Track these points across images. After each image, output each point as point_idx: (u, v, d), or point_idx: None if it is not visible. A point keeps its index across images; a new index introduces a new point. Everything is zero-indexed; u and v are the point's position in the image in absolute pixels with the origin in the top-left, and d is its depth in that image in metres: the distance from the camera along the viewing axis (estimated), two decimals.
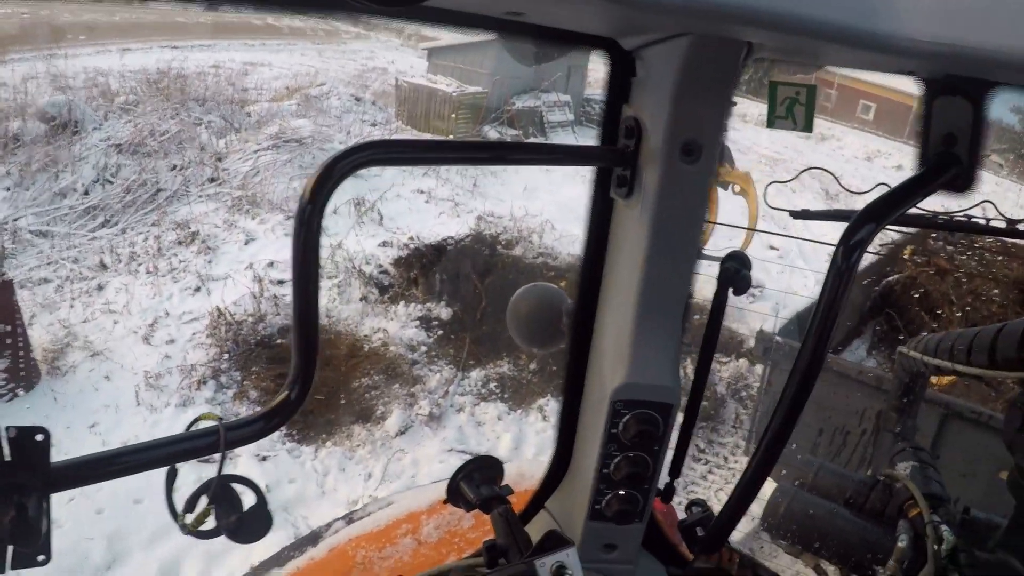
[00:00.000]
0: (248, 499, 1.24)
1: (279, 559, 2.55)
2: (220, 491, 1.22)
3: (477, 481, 1.72)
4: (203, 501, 1.22)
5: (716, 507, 2.24)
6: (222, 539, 1.17)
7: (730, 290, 1.60)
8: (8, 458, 0.99)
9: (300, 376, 1.20)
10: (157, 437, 1.19)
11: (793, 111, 1.50)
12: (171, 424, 6.91)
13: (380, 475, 6.54)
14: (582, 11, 1.16)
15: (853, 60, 1.34)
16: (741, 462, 7.07)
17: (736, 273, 1.58)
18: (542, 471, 2.22)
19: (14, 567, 1.02)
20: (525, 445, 7.22)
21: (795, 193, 16.83)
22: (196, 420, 1.21)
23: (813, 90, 1.48)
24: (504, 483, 1.76)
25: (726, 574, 1.99)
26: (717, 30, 1.16)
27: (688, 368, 4.57)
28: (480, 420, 7.54)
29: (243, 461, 6.31)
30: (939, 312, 8.36)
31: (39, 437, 1.01)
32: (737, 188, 9.07)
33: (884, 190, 1.48)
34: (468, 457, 5.39)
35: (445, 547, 2.36)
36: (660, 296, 1.51)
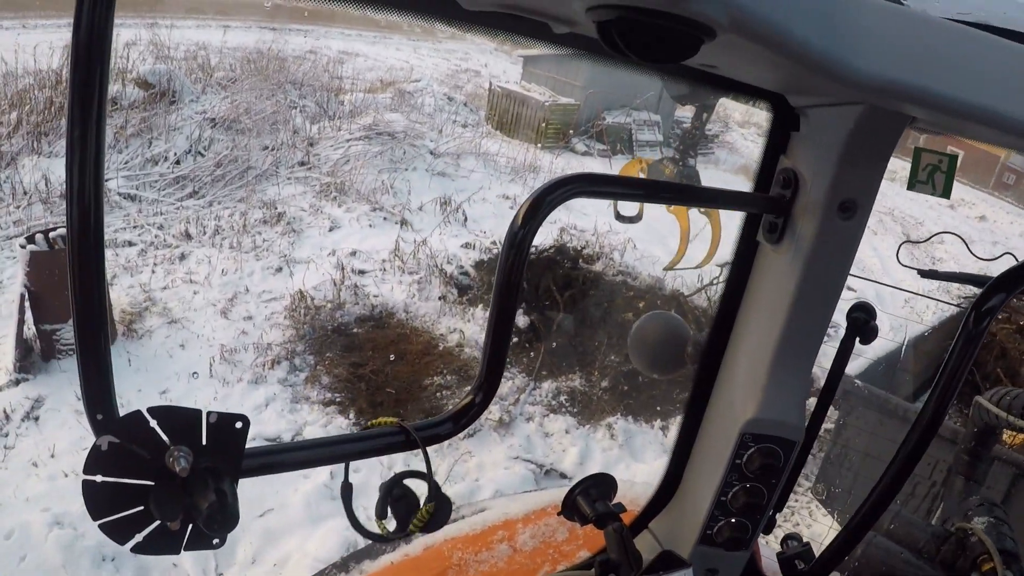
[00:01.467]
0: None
1: (370, 552, 2.56)
2: (401, 490, 1.29)
3: (593, 497, 1.75)
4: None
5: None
6: None
7: (856, 339, 1.66)
8: (205, 442, 1.02)
9: (486, 383, 1.28)
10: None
11: (934, 177, 1.50)
12: (241, 400, 6.87)
13: (445, 475, 6.43)
14: (764, 69, 1.21)
15: (1002, 140, 1.34)
16: (801, 500, 6.85)
17: (865, 324, 1.65)
18: (633, 492, 2.33)
19: (189, 548, 1.05)
20: (590, 461, 7.05)
21: (876, 235, 16.43)
22: (370, 425, 1.26)
23: (955, 160, 1.49)
24: (617, 500, 1.79)
25: None
26: (892, 106, 1.19)
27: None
28: (548, 431, 7.39)
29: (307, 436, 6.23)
30: (1018, 370, 8.09)
31: (238, 425, 1.04)
32: (702, 209, 8.80)
33: (1011, 260, 1.63)
34: (533, 467, 5.29)
35: (540, 557, 2.36)
36: (797, 338, 1.57)
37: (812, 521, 6.61)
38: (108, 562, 4.96)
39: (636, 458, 7.20)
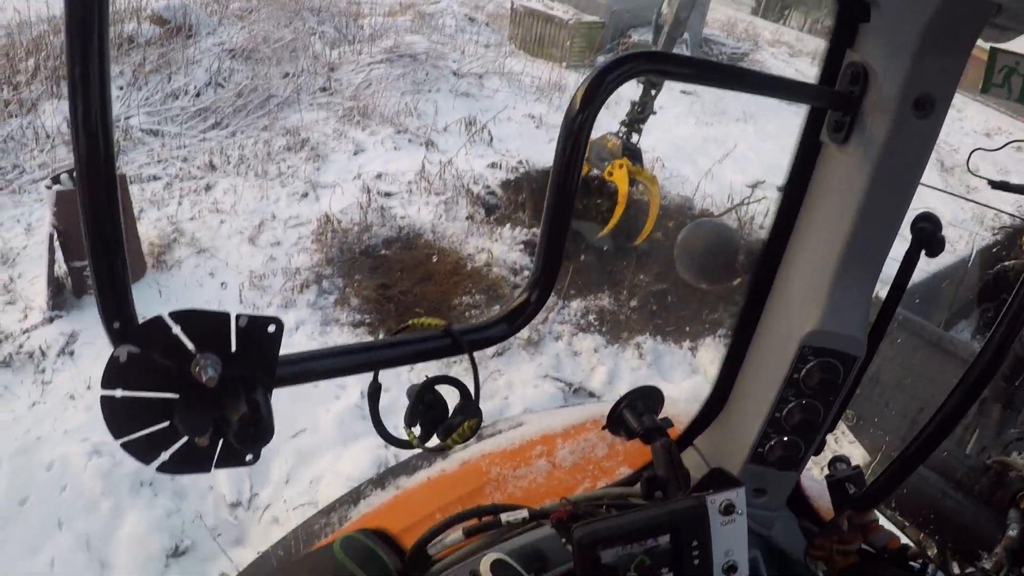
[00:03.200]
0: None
1: (407, 467, 2.56)
2: (433, 396, 1.23)
3: (639, 410, 1.74)
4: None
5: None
6: None
7: (923, 252, 1.59)
8: (235, 349, 0.93)
9: (541, 280, 1.20)
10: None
11: (1010, 80, 1.44)
12: None
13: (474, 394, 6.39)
14: None
15: None
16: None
17: (932, 235, 1.56)
18: (675, 408, 2.22)
19: (220, 465, 0.98)
20: (619, 380, 7.05)
21: None
22: (402, 329, 1.19)
23: None
24: (663, 415, 1.79)
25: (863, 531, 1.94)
26: None
27: None
28: (577, 350, 7.37)
29: None
30: None
31: (271, 328, 0.95)
32: (641, 187, 8.68)
33: None
34: (562, 385, 5.27)
35: (580, 473, 2.32)
36: (863, 247, 1.50)
37: (838, 448, 6.56)
38: (146, 487, 5.03)
39: (665, 378, 7.19)
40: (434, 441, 1.25)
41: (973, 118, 24.62)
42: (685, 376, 7.24)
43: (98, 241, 0.82)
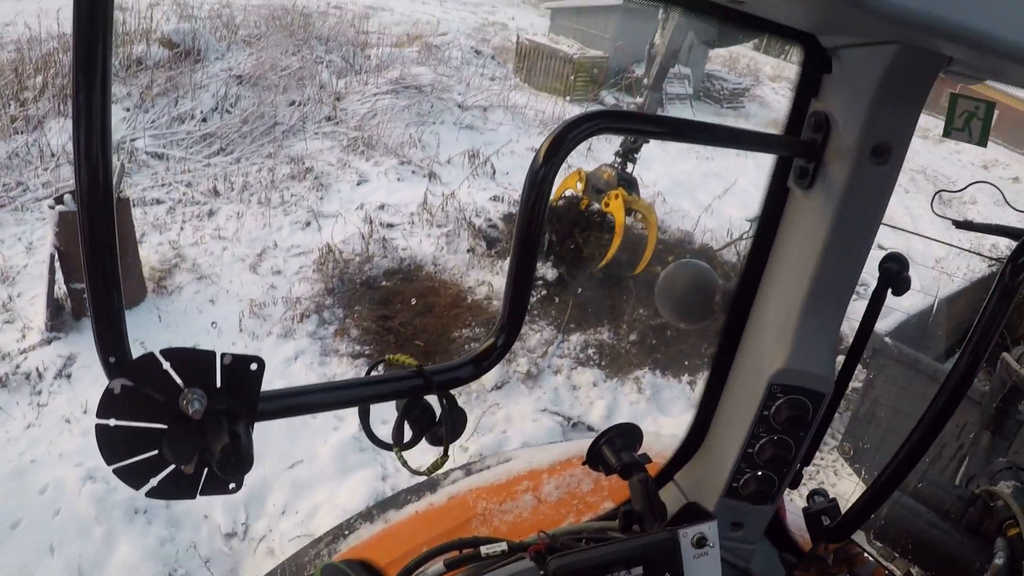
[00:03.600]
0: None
1: (396, 501, 2.58)
2: (419, 410, 1.26)
3: (618, 447, 1.77)
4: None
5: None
6: None
7: (888, 291, 1.63)
8: (219, 384, 1.00)
9: (507, 326, 1.25)
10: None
11: (970, 125, 1.46)
12: (271, 354, 6.89)
13: (473, 427, 6.42)
14: (794, 7, 1.21)
15: None
16: (828, 458, 6.79)
17: (897, 275, 1.61)
18: (660, 443, 2.32)
19: (204, 493, 1.04)
20: (617, 414, 7.04)
21: (908, 194, 16.14)
22: (378, 363, 1.26)
23: (992, 107, 1.44)
24: (642, 451, 1.79)
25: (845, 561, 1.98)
26: (928, 44, 1.17)
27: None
28: (576, 384, 7.36)
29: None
30: None
31: (253, 367, 1.02)
32: (639, 216, 8.78)
33: None
34: (560, 419, 5.26)
35: (564, 507, 2.34)
36: (828, 287, 1.54)
37: (837, 480, 6.55)
38: (140, 514, 5.01)
39: (663, 412, 7.17)
40: (413, 460, 1.29)
41: (970, 151, 24.77)
42: (684, 410, 7.23)
43: (96, 278, 0.87)
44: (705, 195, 11.97)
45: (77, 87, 0.80)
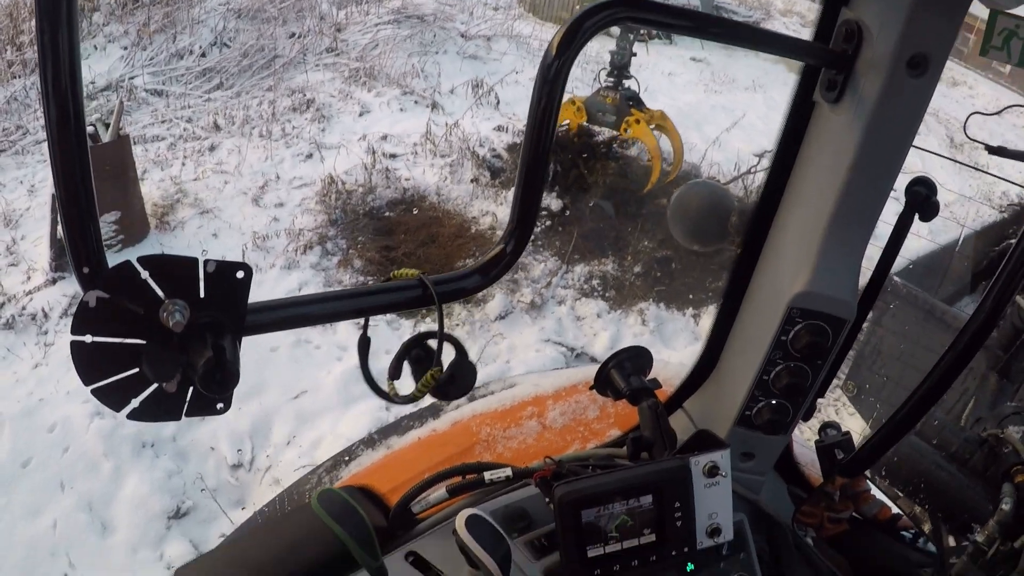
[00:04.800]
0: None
1: (399, 427, 2.57)
2: (423, 351, 1.21)
3: (628, 371, 1.72)
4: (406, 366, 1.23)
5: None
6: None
7: (916, 215, 1.56)
8: (203, 295, 0.93)
9: (517, 230, 1.19)
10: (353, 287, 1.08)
11: (1010, 44, 1.38)
12: (275, 285, 6.89)
13: (476, 356, 6.41)
14: None
15: None
16: (830, 396, 6.78)
17: (926, 199, 1.54)
18: (667, 371, 2.27)
19: (191, 413, 0.99)
20: (621, 346, 6.96)
21: (919, 136, 15.94)
22: (392, 276, 1.18)
23: None
24: (652, 376, 1.76)
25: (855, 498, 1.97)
26: None
27: None
28: (580, 315, 7.36)
29: (342, 327, 6.23)
30: None
31: (240, 274, 0.95)
32: (653, 125, 8.67)
33: None
34: (563, 350, 5.23)
35: (570, 434, 2.33)
36: (855, 208, 1.47)
37: (839, 419, 6.53)
38: (148, 448, 5.06)
39: (667, 344, 7.15)
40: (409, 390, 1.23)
41: (984, 95, 24.43)
42: (688, 343, 7.21)
43: (68, 188, 0.81)
44: (712, 128, 11.80)
45: (41, 20, 0.73)
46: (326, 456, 5.09)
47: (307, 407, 5.63)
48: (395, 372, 1.23)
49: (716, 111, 12.97)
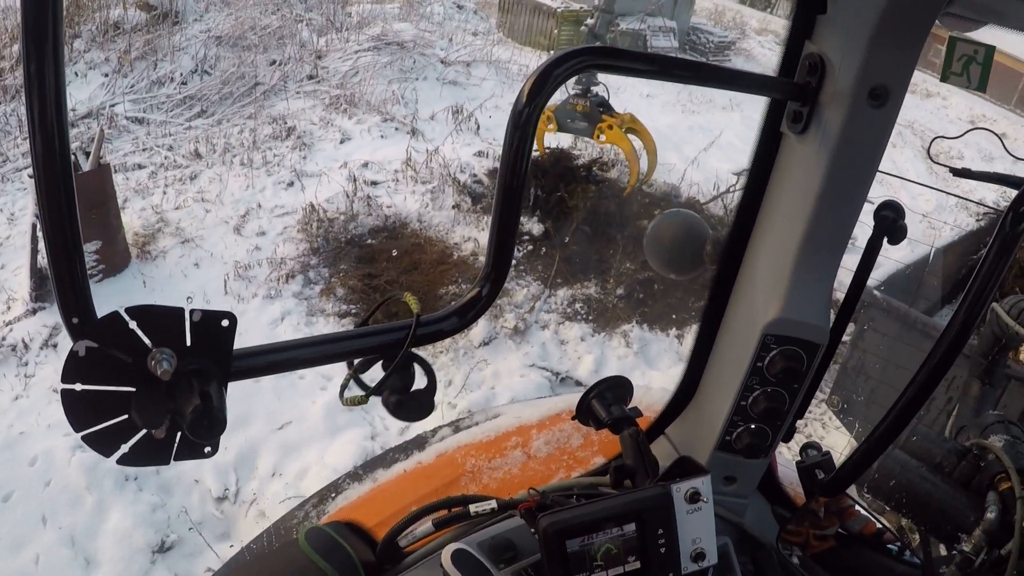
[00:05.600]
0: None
1: (384, 460, 2.55)
2: (405, 370, 1.21)
3: (608, 401, 1.75)
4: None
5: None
6: None
7: (885, 240, 1.59)
8: (189, 343, 0.96)
9: (492, 275, 1.21)
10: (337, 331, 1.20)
11: (969, 69, 1.41)
12: (257, 316, 6.88)
13: (461, 383, 6.44)
14: None
15: None
16: (816, 411, 6.82)
17: (893, 223, 1.57)
18: (650, 397, 2.31)
19: (179, 458, 1.02)
20: (605, 369, 7.06)
21: (895, 148, 16.07)
22: (388, 299, 1.34)
23: (992, 51, 1.39)
24: (633, 405, 1.77)
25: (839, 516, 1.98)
26: None
27: None
28: (564, 339, 7.38)
29: None
30: None
31: (225, 323, 0.98)
32: (624, 128, 8.89)
33: None
34: (548, 375, 5.22)
35: (554, 463, 2.32)
36: (824, 236, 1.50)
37: (825, 433, 6.58)
38: (131, 481, 5.02)
39: (651, 365, 7.18)
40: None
41: (958, 106, 24.73)
42: (672, 363, 7.24)
43: (56, 237, 0.83)
44: (691, 148, 11.91)
45: (28, 53, 0.76)
46: (312, 487, 5.09)
47: (292, 438, 5.61)
48: (363, 367, 1.25)
49: (694, 131, 13.08)
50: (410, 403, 1.23)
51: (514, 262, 8.17)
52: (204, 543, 4.76)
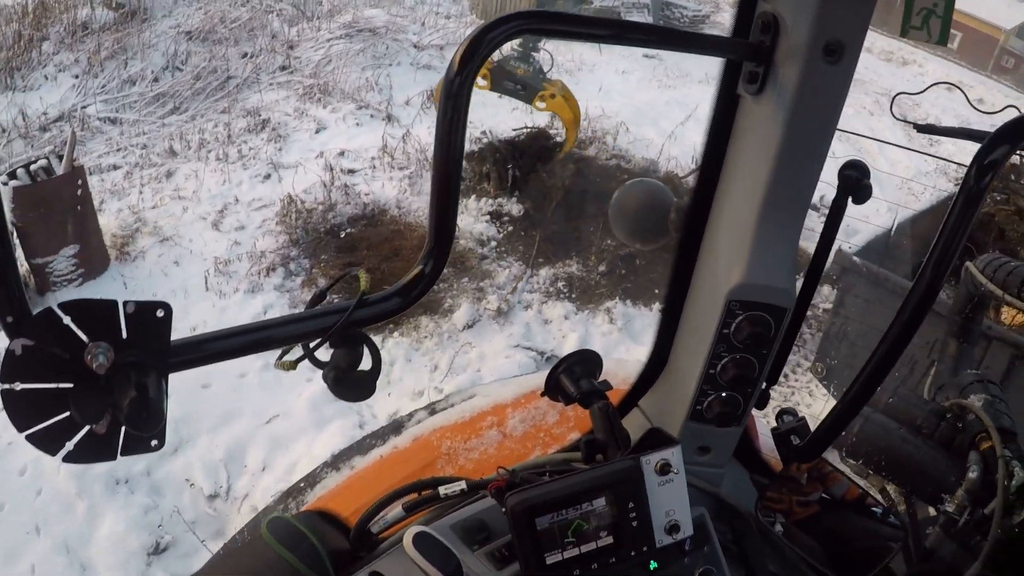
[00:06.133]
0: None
1: (361, 447, 2.55)
2: (346, 340, 1.20)
3: (577, 375, 1.73)
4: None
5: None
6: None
7: (848, 199, 1.56)
8: (125, 335, 0.95)
9: (434, 250, 1.19)
10: (271, 317, 1.16)
11: (929, 22, 1.39)
12: (239, 310, 6.87)
13: (446, 368, 6.45)
14: None
15: None
16: (802, 379, 6.84)
17: (857, 182, 1.54)
18: (625, 370, 2.26)
19: (125, 453, 1.00)
20: (590, 346, 7.01)
21: (872, 116, 16.06)
22: (342, 276, 1.31)
23: (952, 3, 1.36)
24: (603, 378, 1.75)
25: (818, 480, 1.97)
26: None
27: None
28: (547, 318, 7.40)
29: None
30: (1017, 252, 7.81)
31: (160, 312, 0.97)
32: (551, 94, 8.87)
33: (1014, 113, 1.48)
34: (533, 354, 5.19)
35: (530, 441, 2.31)
36: (784, 197, 1.49)
37: (812, 400, 6.61)
38: (122, 485, 5.02)
39: (636, 340, 7.20)
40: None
41: (934, 73, 24.77)
42: None
43: None
44: (668, 123, 11.90)
45: None
46: None
47: (280, 431, 5.61)
48: (317, 299, 1.25)
49: (671, 106, 13.04)
50: (349, 381, 1.22)
51: (494, 243, 8.17)
52: (199, 542, 4.76)
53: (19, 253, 6.51)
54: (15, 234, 6.39)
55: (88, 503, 4.86)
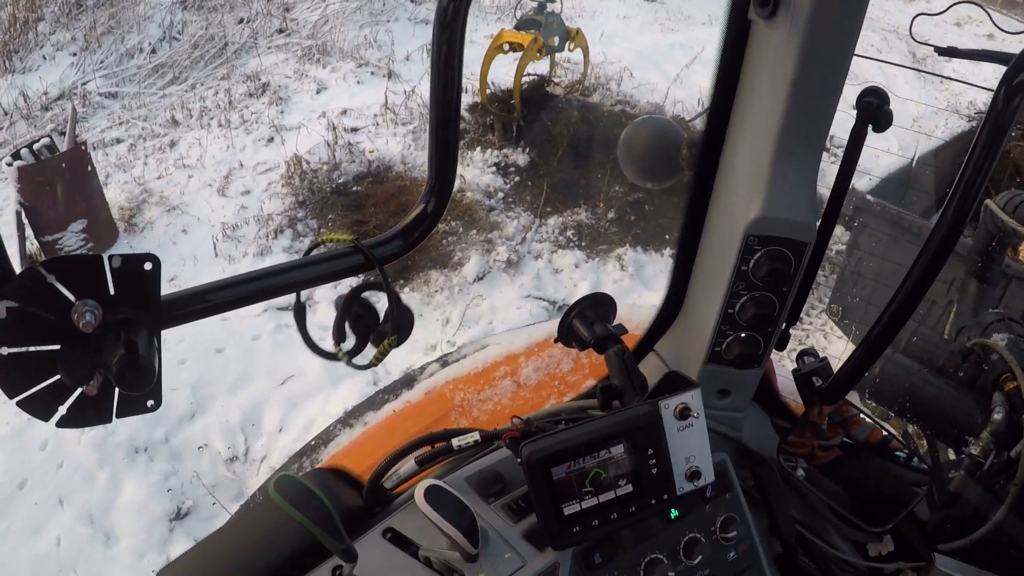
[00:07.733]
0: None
1: (373, 402, 2.52)
2: (361, 307, 1.21)
3: (591, 319, 1.69)
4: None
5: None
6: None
7: (869, 127, 1.50)
8: (112, 291, 0.91)
9: (436, 187, 1.16)
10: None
11: None
12: None
13: (458, 321, 6.44)
14: None
15: None
16: (817, 322, 6.78)
17: (878, 109, 1.48)
18: (639, 315, 2.24)
19: (121, 414, 0.97)
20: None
21: (880, 53, 15.77)
22: (315, 246, 1.19)
23: None
24: (617, 322, 1.71)
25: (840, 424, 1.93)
26: None
27: None
28: (558, 267, 7.36)
29: (321, 307, 6.22)
30: None
31: (148, 266, 0.93)
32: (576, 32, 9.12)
33: None
34: (545, 304, 5.16)
35: (545, 390, 2.27)
36: (802, 126, 1.41)
37: (828, 343, 6.55)
38: (142, 453, 5.05)
39: (648, 287, 7.15)
40: (363, 359, 1.24)
41: (941, 6, 24.30)
42: None
43: None
44: (672, 67, 11.73)
45: None
46: None
47: (295, 391, 5.62)
48: (340, 335, 1.24)
49: (675, 49, 12.86)
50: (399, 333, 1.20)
51: (501, 194, 8.12)
52: (220, 506, 4.79)
53: (28, 232, 6.53)
54: (24, 213, 6.40)
55: (109, 472, 4.90)
